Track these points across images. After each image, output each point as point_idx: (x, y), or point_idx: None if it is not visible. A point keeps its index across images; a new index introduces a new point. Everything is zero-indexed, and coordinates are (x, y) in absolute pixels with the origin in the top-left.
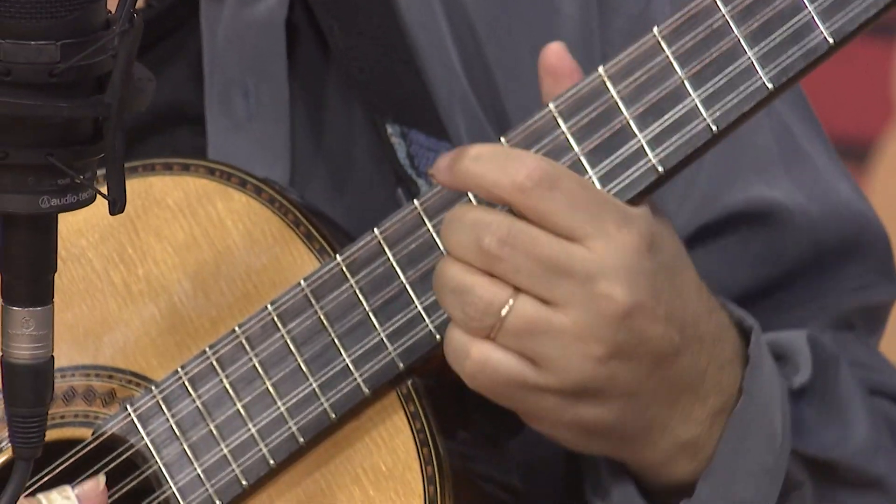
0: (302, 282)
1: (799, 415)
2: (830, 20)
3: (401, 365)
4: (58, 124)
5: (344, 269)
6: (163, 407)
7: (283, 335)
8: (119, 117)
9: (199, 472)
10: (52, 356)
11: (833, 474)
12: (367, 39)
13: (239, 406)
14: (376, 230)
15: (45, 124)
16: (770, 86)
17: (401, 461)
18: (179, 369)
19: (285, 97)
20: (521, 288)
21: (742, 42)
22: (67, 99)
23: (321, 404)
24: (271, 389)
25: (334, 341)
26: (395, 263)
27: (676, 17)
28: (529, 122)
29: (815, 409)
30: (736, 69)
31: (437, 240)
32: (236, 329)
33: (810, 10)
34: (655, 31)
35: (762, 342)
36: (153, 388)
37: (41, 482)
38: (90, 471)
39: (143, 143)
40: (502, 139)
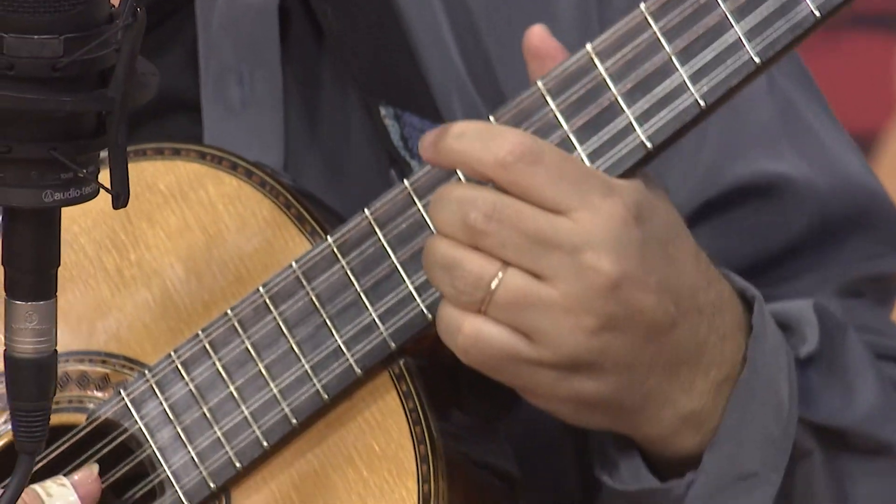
0: (293, 263)
1: (806, 383)
2: None
3: (393, 344)
4: (61, 119)
5: (335, 250)
6: (156, 391)
7: (275, 317)
8: (122, 111)
9: (193, 455)
10: (56, 350)
11: (842, 441)
12: (361, 24)
13: (232, 388)
14: (367, 210)
15: (48, 118)
16: (757, 60)
17: (394, 441)
18: (172, 353)
19: (279, 83)
20: (509, 262)
21: (729, 17)
22: (71, 93)
23: (314, 385)
24: (264, 371)
25: (326, 322)
26: (385, 243)
27: None
28: (518, 100)
29: (823, 377)
30: (723, 44)
31: (426, 219)
32: (228, 312)
33: None
34: (643, 8)
35: (765, 312)
36: (146, 372)
37: (36, 467)
38: (84, 455)
39: (139, 131)
40: (491, 117)
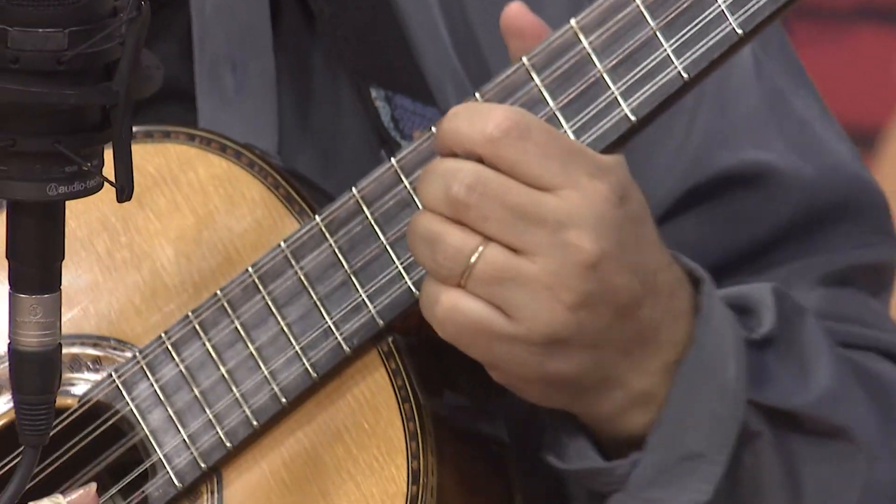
0: (282, 243)
1: (761, 365)
2: None
3: (381, 322)
4: (65, 112)
5: (322, 228)
6: (147, 372)
7: (264, 297)
8: (127, 105)
9: (184, 435)
10: (60, 343)
11: (793, 424)
12: (352, 8)
13: (222, 369)
14: (354, 189)
15: (52, 112)
16: (740, 31)
17: (383, 418)
18: (163, 334)
19: (272, 70)
20: (490, 236)
21: None
22: (75, 86)
23: (303, 364)
24: (254, 352)
25: (315, 301)
26: (373, 222)
27: None
28: (503, 77)
29: (779, 359)
30: (707, 16)
31: (413, 196)
32: (218, 293)
33: None
34: None
35: (713, 293)
36: (137, 353)
37: None
38: (76, 437)
39: (134, 120)
40: (476, 94)
